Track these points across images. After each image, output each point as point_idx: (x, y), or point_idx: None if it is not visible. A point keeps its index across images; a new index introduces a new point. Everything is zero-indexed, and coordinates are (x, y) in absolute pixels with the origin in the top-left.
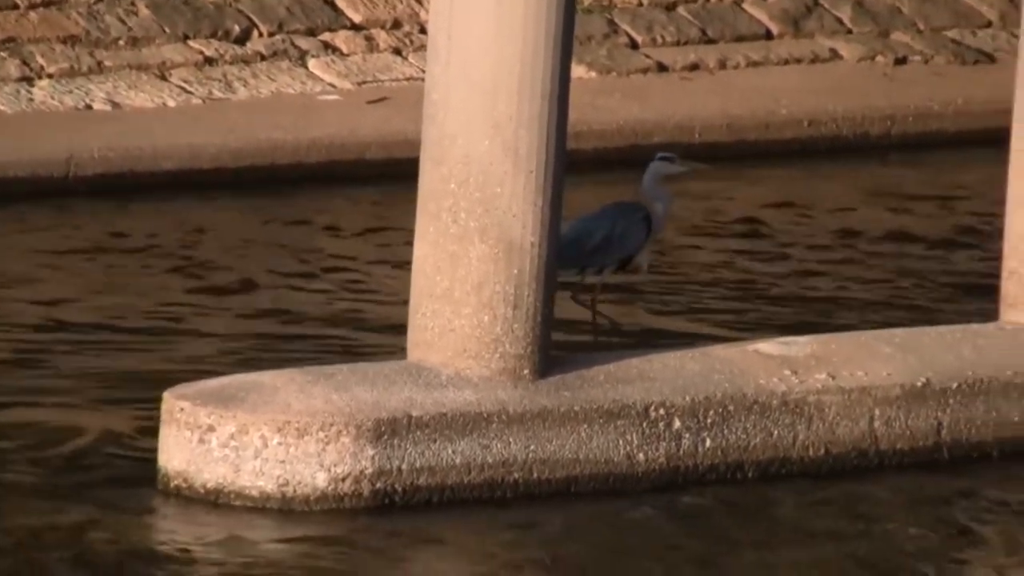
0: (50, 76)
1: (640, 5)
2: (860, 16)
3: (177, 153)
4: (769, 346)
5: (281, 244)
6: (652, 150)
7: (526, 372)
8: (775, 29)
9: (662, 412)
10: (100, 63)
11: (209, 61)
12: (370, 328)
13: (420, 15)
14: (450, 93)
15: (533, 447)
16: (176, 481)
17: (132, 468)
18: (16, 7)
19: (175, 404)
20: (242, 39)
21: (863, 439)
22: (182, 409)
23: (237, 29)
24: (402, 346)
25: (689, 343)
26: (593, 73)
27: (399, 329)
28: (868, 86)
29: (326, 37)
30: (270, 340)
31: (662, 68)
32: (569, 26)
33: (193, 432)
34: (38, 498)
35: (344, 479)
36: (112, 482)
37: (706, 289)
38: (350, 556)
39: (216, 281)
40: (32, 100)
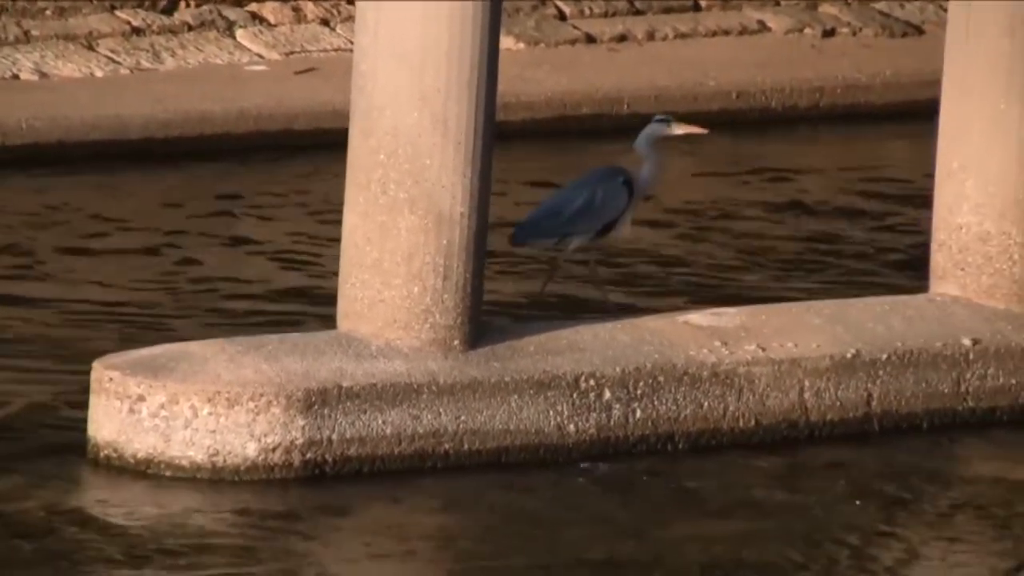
0: None
1: None
2: None
3: (105, 123)
4: (699, 317)
5: (210, 215)
6: (580, 121)
7: (456, 343)
8: (703, 1)
9: (592, 383)
10: (27, 32)
11: (136, 31)
12: (300, 298)
13: None
14: (378, 65)
15: (463, 418)
16: (106, 451)
17: (61, 438)
18: None
19: (104, 374)
20: (169, 9)
21: (793, 410)
22: (111, 379)
23: None
24: (332, 317)
25: (619, 314)
26: (521, 45)
27: (329, 300)
28: (796, 58)
29: (253, 7)
30: (200, 311)
31: (590, 39)
32: None
33: (123, 402)
34: None
35: (274, 449)
36: (41, 452)
37: (634, 261)
38: (280, 526)
39: (145, 251)
40: None
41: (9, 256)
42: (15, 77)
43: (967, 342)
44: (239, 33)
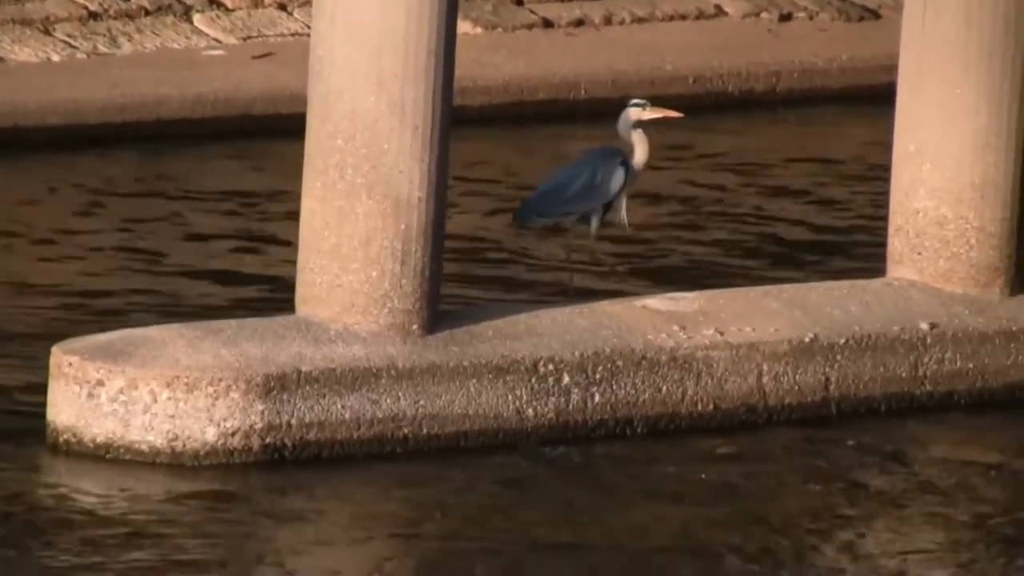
0: None
1: None
2: None
3: (62, 108)
4: (657, 302)
5: (167, 200)
6: (537, 106)
7: (415, 327)
8: None
9: (551, 367)
10: None
11: (93, 16)
12: (258, 283)
13: None
14: (335, 49)
15: (422, 402)
16: (65, 436)
17: (20, 423)
18: None
19: (64, 359)
20: None
21: (751, 395)
22: (71, 364)
23: None
24: (290, 301)
25: (578, 299)
26: (479, 29)
27: (287, 284)
28: (753, 43)
29: None
30: (158, 295)
31: (547, 24)
32: None
33: (82, 387)
34: None
35: (234, 434)
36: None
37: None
38: (239, 511)
39: (104, 237)
40: None
41: None
42: None
43: (924, 326)
44: (196, 18)
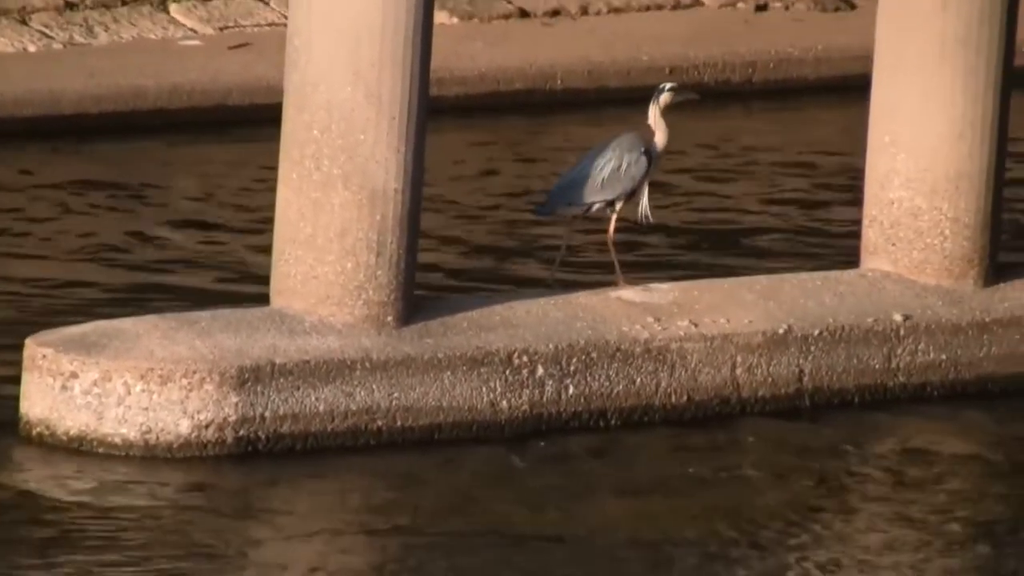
0: None
1: None
2: None
3: (38, 99)
4: (632, 293)
5: (143, 190)
6: (513, 96)
7: (389, 319)
8: None
9: (525, 359)
10: None
11: (70, 6)
12: (233, 274)
13: None
14: (312, 39)
15: (396, 394)
16: (38, 428)
17: None
18: None
19: (37, 351)
20: None
21: (725, 386)
22: (44, 356)
23: None
24: (266, 293)
25: (552, 290)
26: (455, 19)
27: (262, 275)
28: (729, 33)
29: None
30: (132, 288)
31: (524, 14)
32: None
33: (56, 379)
34: None
35: (207, 426)
36: None
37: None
38: (213, 504)
39: (80, 227)
40: None
41: None
42: None
43: (898, 318)
44: (173, 8)
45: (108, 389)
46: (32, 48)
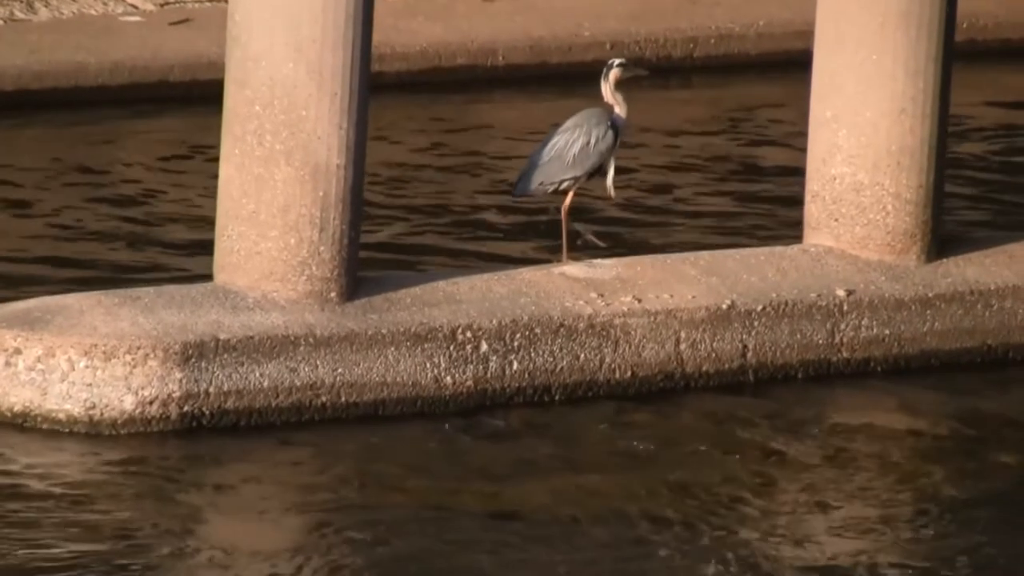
0: None
1: None
2: None
3: None
4: (575, 269)
5: (85, 167)
6: (454, 72)
7: (333, 295)
8: None
9: (469, 335)
10: None
11: None
12: (177, 251)
13: None
14: (253, 15)
15: (340, 370)
16: None
17: None
18: None
19: None
20: None
21: (669, 362)
22: None
23: None
24: (209, 268)
25: (495, 265)
26: None
27: (206, 251)
28: (670, 9)
29: None
30: (76, 263)
31: None
32: None
33: None
34: None
35: (152, 402)
36: None
37: (509, 214)
38: (157, 479)
39: (22, 203)
40: None
41: None
42: None
43: (841, 293)
44: None
45: (52, 365)
46: None
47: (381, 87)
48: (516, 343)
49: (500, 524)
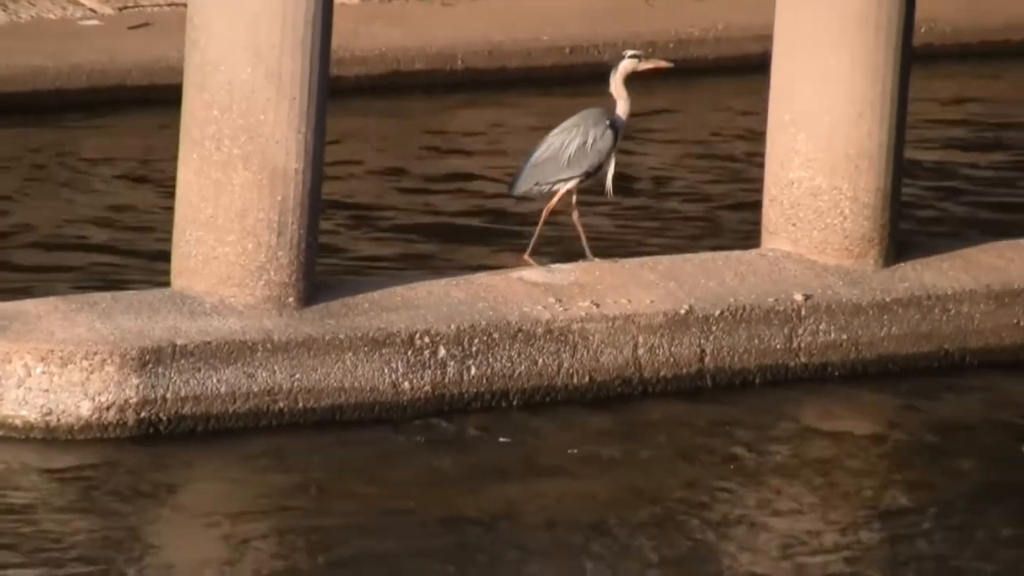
0: None
1: None
2: None
3: None
4: (533, 274)
5: (41, 171)
6: (413, 77)
7: (291, 300)
8: None
9: (427, 340)
10: None
11: None
12: (134, 256)
13: None
14: (212, 19)
15: (298, 376)
16: None
17: None
18: None
19: None
20: None
21: (627, 367)
22: None
23: None
24: (166, 273)
25: (453, 270)
26: None
27: (163, 257)
28: (629, 12)
29: None
30: (32, 269)
31: None
32: None
33: None
34: None
35: (109, 408)
36: None
37: (472, 217)
38: (114, 485)
39: None
40: None
41: None
42: None
43: (799, 297)
44: None
45: (8, 371)
46: None
47: (340, 91)
48: (474, 348)
49: (457, 529)
